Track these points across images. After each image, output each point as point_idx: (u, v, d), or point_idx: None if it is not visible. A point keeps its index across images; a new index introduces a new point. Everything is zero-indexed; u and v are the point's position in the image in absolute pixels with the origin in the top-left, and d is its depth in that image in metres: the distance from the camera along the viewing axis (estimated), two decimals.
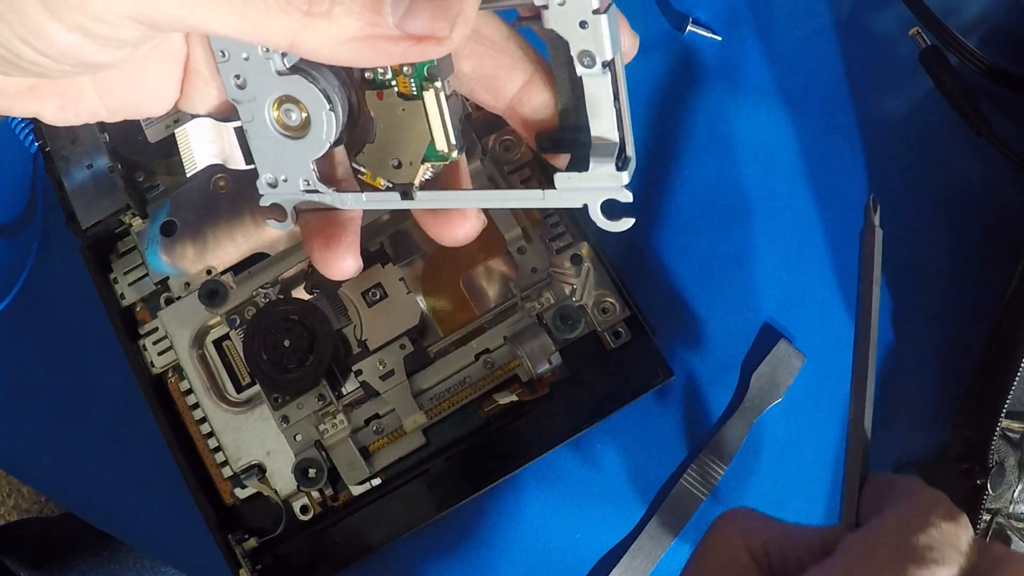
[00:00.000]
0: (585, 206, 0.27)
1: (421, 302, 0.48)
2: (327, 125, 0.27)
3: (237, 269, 0.49)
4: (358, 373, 0.46)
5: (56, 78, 0.26)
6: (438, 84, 0.27)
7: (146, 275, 0.50)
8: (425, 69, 0.27)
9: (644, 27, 0.56)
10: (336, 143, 0.28)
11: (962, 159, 0.52)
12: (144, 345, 0.50)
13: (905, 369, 0.50)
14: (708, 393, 0.50)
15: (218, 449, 0.48)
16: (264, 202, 0.30)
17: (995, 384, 0.46)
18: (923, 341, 0.50)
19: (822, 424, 0.50)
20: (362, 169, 0.29)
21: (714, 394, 0.50)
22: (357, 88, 0.28)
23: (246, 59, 0.27)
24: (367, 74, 0.28)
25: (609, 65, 0.25)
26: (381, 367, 0.46)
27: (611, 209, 0.28)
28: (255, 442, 0.48)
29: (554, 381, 0.47)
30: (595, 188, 0.27)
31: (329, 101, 0.27)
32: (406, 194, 0.29)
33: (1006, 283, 0.47)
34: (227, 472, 0.48)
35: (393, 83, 0.28)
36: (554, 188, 0.28)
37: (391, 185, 0.29)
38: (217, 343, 0.49)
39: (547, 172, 0.51)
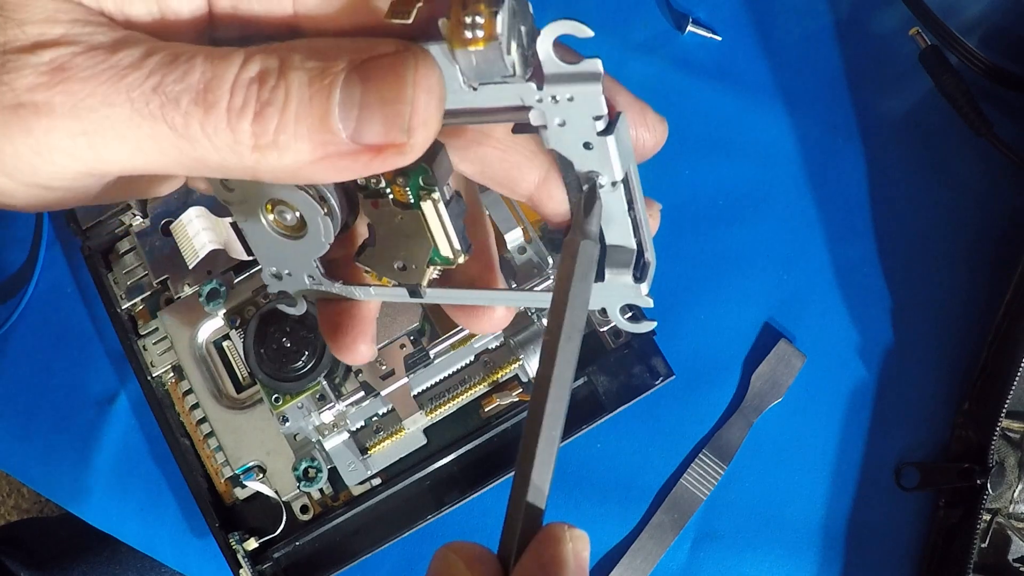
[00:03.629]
0: (603, 309, 0.26)
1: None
2: (323, 228, 0.26)
3: (237, 269, 0.49)
4: (358, 373, 0.46)
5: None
6: (436, 195, 0.25)
7: (146, 275, 0.50)
8: (420, 178, 0.25)
9: (644, 27, 0.56)
10: (340, 232, 0.27)
11: (962, 159, 0.52)
12: (144, 345, 0.50)
13: (905, 369, 0.50)
14: (708, 393, 0.50)
15: (218, 449, 0.48)
16: (271, 291, 0.29)
17: (995, 384, 0.46)
18: (923, 341, 0.50)
19: (822, 424, 0.50)
20: (366, 269, 0.28)
21: (714, 394, 0.50)
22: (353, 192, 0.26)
23: None
24: (360, 181, 0.26)
25: (621, 181, 0.23)
26: (381, 367, 0.46)
27: (632, 309, 0.26)
28: (255, 442, 0.48)
29: None
30: (613, 295, 0.26)
31: (324, 203, 0.25)
32: (414, 293, 0.28)
33: (1006, 283, 0.47)
34: (227, 472, 0.48)
35: (388, 192, 0.26)
36: None
37: (398, 284, 0.28)
38: (217, 343, 0.49)
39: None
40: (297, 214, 0.26)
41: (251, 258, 0.29)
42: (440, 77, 0.22)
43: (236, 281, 0.48)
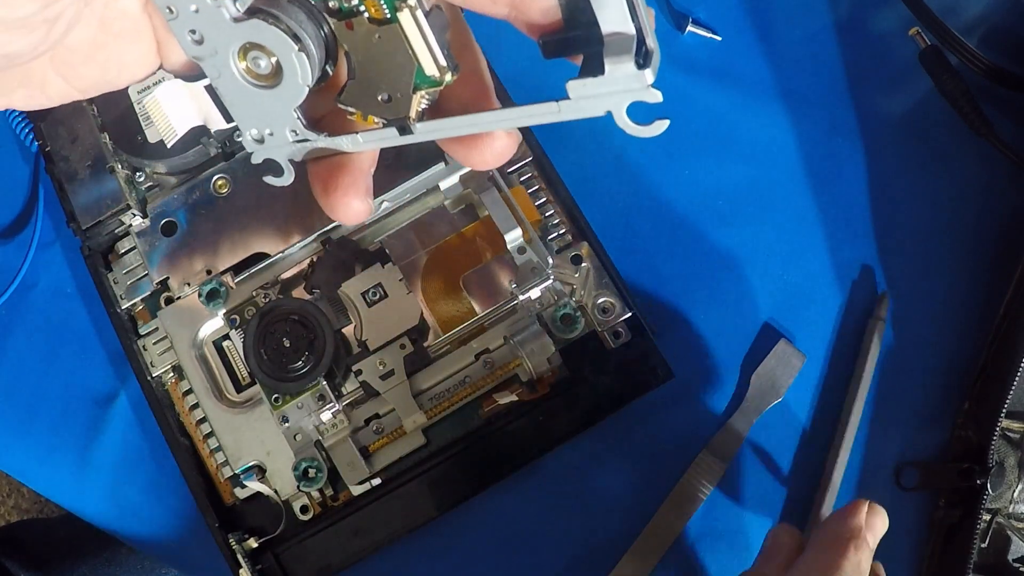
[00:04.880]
0: (609, 114, 0.24)
1: (421, 302, 0.48)
2: (300, 68, 0.24)
3: (237, 269, 0.49)
4: (358, 373, 0.46)
5: None
6: (411, 1, 0.23)
7: (146, 275, 0.50)
8: None
9: None
10: (319, 81, 0.25)
11: (962, 159, 0.52)
12: (144, 345, 0.50)
13: (905, 369, 0.50)
14: (708, 393, 0.50)
15: (218, 449, 0.48)
16: (255, 159, 0.27)
17: (995, 384, 0.46)
18: (923, 341, 0.50)
19: (822, 424, 0.50)
20: (349, 110, 0.26)
21: (714, 394, 0.50)
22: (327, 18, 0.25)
23: (196, 11, 0.24)
24: (331, 3, 0.24)
25: None
26: (381, 367, 0.46)
27: (641, 112, 0.24)
28: (255, 442, 0.48)
29: (554, 381, 0.47)
30: (616, 92, 0.24)
31: (297, 40, 0.24)
32: (404, 129, 0.26)
33: (1006, 283, 0.48)
34: (227, 472, 0.48)
35: (362, 8, 0.24)
36: (568, 99, 0.24)
37: (385, 122, 0.26)
38: (217, 343, 0.49)
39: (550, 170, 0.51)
40: (272, 60, 0.25)
41: (232, 124, 0.27)
42: None
43: (236, 281, 0.48)
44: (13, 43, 0.22)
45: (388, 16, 0.24)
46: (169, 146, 0.36)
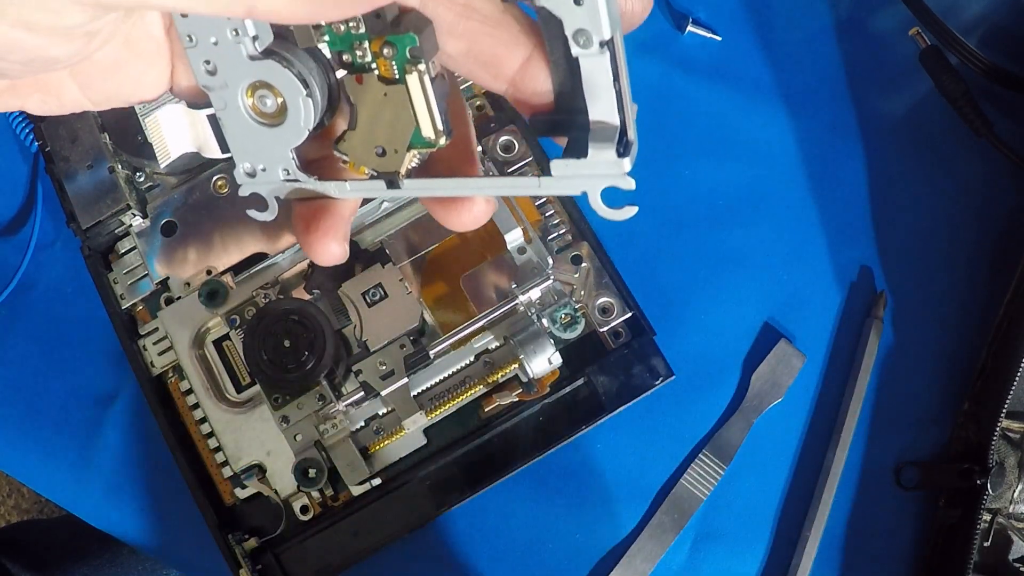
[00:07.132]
0: (584, 194, 0.26)
1: (421, 302, 0.48)
2: (304, 112, 0.26)
3: (237, 269, 0.49)
4: (358, 373, 0.46)
5: (14, 78, 0.25)
6: (421, 67, 0.25)
7: (146, 275, 0.50)
8: (407, 50, 0.25)
9: (644, 27, 0.55)
10: (317, 128, 0.27)
11: (962, 159, 0.52)
12: (144, 345, 0.50)
13: (905, 369, 0.50)
14: (708, 393, 0.50)
15: (218, 449, 0.48)
16: (243, 192, 0.28)
17: (995, 384, 0.46)
18: (923, 341, 0.50)
19: (822, 424, 0.50)
20: (344, 157, 0.27)
21: (714, 394, 0.50)
22: (336, 71, 0.27)
23: (215, 43, 0.25)
24: (345, 57, 0.26)
25: (608, 44, 0.23)
26: (381, 367, 0.45)
27: (613, 197, 0.26)
28: (255, 442, 0.48)
29: (554, 381, 0.47)
30: (595, 175, 0.26)
31: (306, 86, 0.25)
32: (392, 183, 0.27)
33: (1006, 283, 0.47)
34: (227, 472, 0.48)
35: (373, 66, 0.26)
36: (551, 176, 0.26)
37: (375, 174, 0.27)
38: (217, 343, 0.49)
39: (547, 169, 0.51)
40: (279, 100, 0.26)
41: (227, 155, 0.28)
42: None
43: (236, 281, 0.48)
44: (55, 48, 0.23)
45: (397, 77, 0.26)
46: (162, 167, 0.37)
